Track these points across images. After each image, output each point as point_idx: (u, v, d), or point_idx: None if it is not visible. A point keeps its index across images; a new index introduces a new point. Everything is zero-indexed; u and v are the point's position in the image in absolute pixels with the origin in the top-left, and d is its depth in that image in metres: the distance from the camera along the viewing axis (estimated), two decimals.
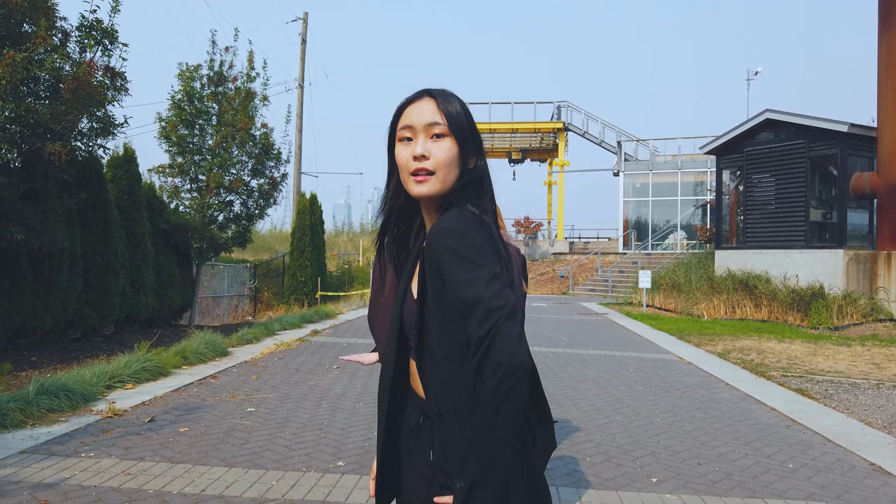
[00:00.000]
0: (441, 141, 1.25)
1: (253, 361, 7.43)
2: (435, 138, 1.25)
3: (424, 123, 1.25)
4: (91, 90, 7.28)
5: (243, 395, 5.68)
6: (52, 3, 7.29)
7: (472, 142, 1.29)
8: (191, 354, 6.99)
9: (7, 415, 4.34)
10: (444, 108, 1.26)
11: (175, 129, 12.31)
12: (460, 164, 1.27)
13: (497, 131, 30.79)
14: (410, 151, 1.25)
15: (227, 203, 12.90)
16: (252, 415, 4.99)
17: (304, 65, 25.30)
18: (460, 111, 1.28)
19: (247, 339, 8.77)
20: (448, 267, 1.15)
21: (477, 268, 1.13)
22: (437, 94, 1.29)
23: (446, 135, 1.25)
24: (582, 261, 26.84)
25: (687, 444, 4.51)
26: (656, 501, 3.45)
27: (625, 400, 5.90)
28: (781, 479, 3.84)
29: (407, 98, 1.31)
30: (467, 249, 1.14)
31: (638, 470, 3.96)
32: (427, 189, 1.24)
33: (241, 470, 3.72)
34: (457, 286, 1.13)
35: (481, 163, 1.31)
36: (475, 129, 1.31)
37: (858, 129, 14.48)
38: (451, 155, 1.25)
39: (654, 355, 8.76)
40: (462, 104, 1.30)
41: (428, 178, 1.24)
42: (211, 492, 3.37)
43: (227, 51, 12.87)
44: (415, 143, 1.25)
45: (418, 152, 1.24)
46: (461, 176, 1.27)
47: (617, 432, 4.79)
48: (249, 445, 4.20)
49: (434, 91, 1.30)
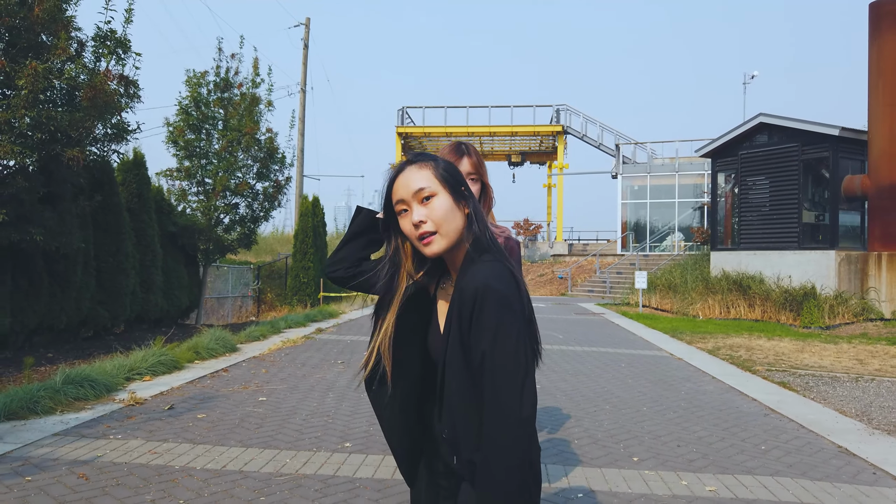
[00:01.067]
0: (434, 200, 1.37)
1: (261, 357, 7.77)
2: (425, 201, 1.38)
3: (412, 192, 1.38)
4: (107, 98, 7.64)
5: (254, 386, 6.03)
6: (71, 16, 7.64)
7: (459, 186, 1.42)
8: (202, 350, 7.33)
9: (38, 402, 4.68)
10: (423, 171, 1.40)
11: (182, 133, 12.68)
12: (460, 209, 1.40)
13: (497, 134, 31.16)
14: (410, 221, 1.39)
15: (232, 206, 13.27)
16: (264, 403, 5.34)
17: (306, 69, 25.68)
18: (438, 165, 1.42)
19: (254, 336, 9.11)
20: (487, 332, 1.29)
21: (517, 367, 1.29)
22: (415, 160, 1.44)
23: (435, 193, 1.38)
24: (581, 262, 27.17)
25: (669, 430, 4.85)
26: (636, 477, 3.79)
27: (614, 391, 6.23)
28: (753, 459, 4.17)
29: (394, 171, 1.44)
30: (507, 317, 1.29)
31: (621, 451, 4.29)
32: (437, 247, 1.37)
33: (256, 450, 4.06)
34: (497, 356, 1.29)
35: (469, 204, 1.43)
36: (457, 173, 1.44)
37: (849, 133, 14.82)
38: (446, 208, 1.38)
39: (646, 352, 9.10)
40: (437, 160, 1.44)
41: (433, 238, 1.37)
42: (231, 467, 3.71)
43: (232, 57, 13.25)
44: (411, 213, 1.39)
45: (416, 220, 1.37)
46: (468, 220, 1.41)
47: (604, 419, 5.13)
48: (263, 430, 4.55)
49: (411, 159, 1.45)
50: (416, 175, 1.40)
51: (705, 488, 3.62)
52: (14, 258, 8.03)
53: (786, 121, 15.57)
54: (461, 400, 1.37)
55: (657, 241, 26.95)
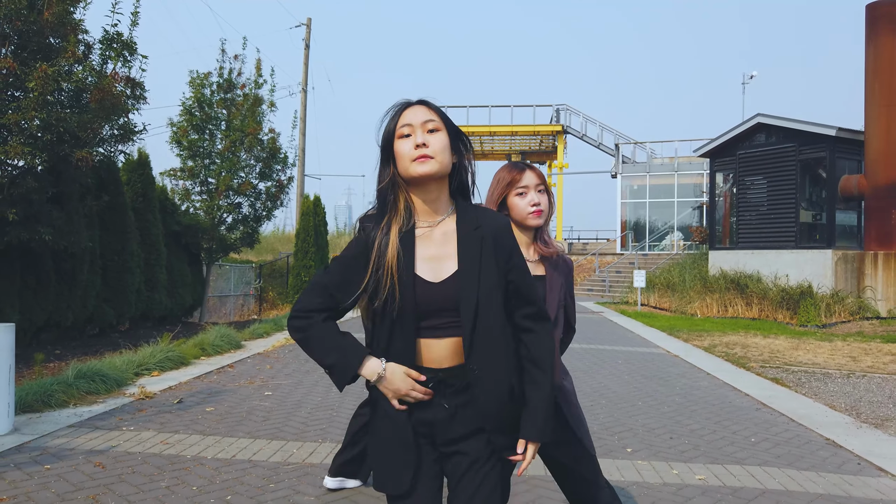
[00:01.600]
0: (436, 133, 1.58)
1: (266, 353, 7.93)
2: (430, 132, 1.58)
3: (421, 121, 1.58)
4: (114, 100, 7.79)
5: (260, 381, 6.19)
6: (79, 20, 7.79)
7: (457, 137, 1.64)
8: (208, 346, 7.49)
9: (52, 395, 4.84)
10: (434, 109, 1.62)
11: (186, 133, 12.83)
12: (451, 153, 1.61)
13: (497, 134, 31.30)
14: (412, 142, 1.56)
15: (235, 205, 13.42)
16: (269, 398, 5.49)
17: (307, 69, 25.82)
18: (445, 114, 1.64)
19: (258, 333, 9.28)
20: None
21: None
22: (426, 101, 1.63)
23: (440, 129, 1.59)
24: (580, 261, 27.32)
25: (662, 423, 5.00)
26: (629, 467, 3.95)
27: (611, 387, 6.39)
28: (743, 450, 4.33)
29: (400, 104, 1.62)
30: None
31: (616, 442, 4.45)
32: (429, 168, 1.55)
33: (264, 441, 4.22)
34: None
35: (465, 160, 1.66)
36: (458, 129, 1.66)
37: (846, 133, 14.96)
38: (444, 143, 1.59)
39: (643, 349, 9.26)
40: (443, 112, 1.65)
41: (428, 160, 1.55)
42: (240, 457, 3.87)
43: (235, 59, 13.40)
44: (414, 137, 1.56)
45: (419, 141, 1.55)
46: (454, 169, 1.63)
47: (600, 413, 5.29)
48: (270, 422, 4.70)
49: (422, 100, 1.64)
50: (426, 110, 1.60)
51: (695, 477, 3.77)
52: (23, 257, 8.19)
53: (783, 121, 15.72)
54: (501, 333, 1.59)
55: (656, 240, 27.10)
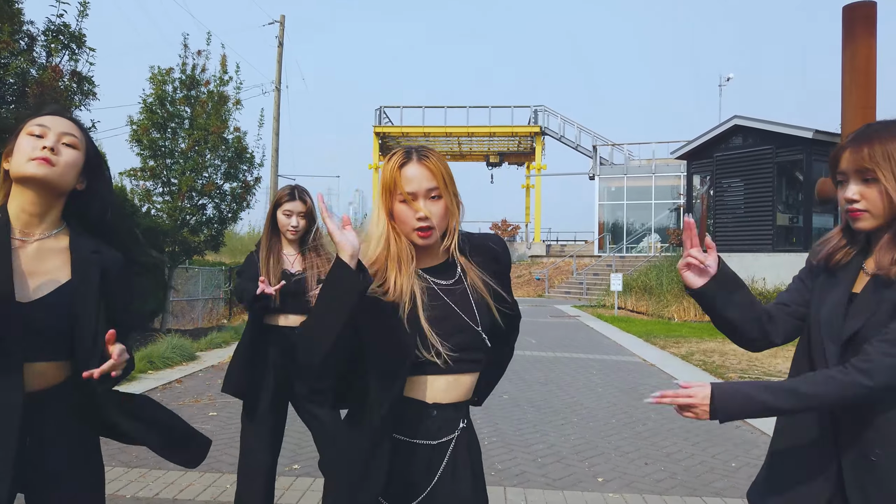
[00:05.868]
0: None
1: (220, 366, 7.46)
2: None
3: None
4: (57, 95, 7.28)
5: (207, 399, 5.74)
6: (18, 9, 7.27)
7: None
8: (157, 359, 7.01)
9: None
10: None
11: (147, 132, 12.26)
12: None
13: (475, 135, 30.98)
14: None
15: (199, 207, 12.88)
16: (213, 419, 5.06)
17: (280, 67, 25.28)
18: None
19: (216, 343, 8.81)
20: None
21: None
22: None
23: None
24: (558, 263, 27.09)
25: (637, 445, 4.66)
26: (599, 500, 3.59)
27: (583, 402, 6.04)
28: (722, 479, 4.00)
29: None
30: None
31: (586, 470, 4.09)
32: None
33: (196, 474, 3.79)
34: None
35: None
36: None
37: (823, 136, 14.86)
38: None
39: (619, 357, 8.94)
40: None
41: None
42: (165, 495, 3.44)
43: (199, 54, 12.85)
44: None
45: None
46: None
47: (571, 433, 4.93)
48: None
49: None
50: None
51: None
52: None
53: (760, 123, 15.58)
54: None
55: (634, 242, 26.97)
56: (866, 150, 1.41)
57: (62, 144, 1.51)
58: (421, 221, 1.48)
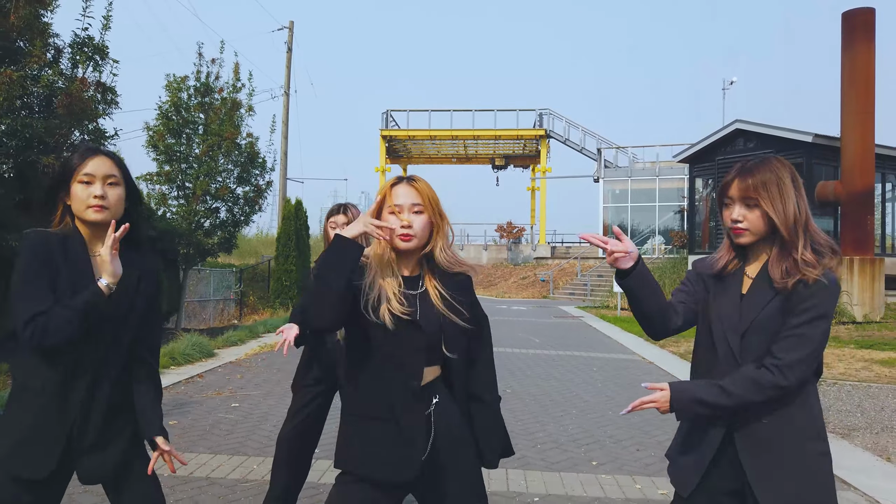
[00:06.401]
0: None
1: (238, 362, 7.84)
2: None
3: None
4: (83, 105, 7.67)
5: (228, 392, 6.10)
6: (47, 23, 7.67)
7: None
8: (178, 356, 7.39)
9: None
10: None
11: (163, 138, 12.68)
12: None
13: (480, 138, 31.33)
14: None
15: (213, 210, 13.28)
16: (236, 409, 5.42)
17: (289, 73, 25.69)
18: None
19: (232, 341, 9.18)
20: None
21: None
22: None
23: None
24: (563, 265, 27.39)
25: (630, 434, 4.99)
26: (593, 481, 3.93)
27: (582, 396, 6.38)
28: None
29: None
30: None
31: (581, 455, 4.43)
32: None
33: (224, 457, 4.15)
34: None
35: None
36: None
37: (823, 140, 15.12)
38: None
39: (619, 356, 9.27)
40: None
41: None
42: (198, 474, 3.80)
43: (213, 62, 13.27)
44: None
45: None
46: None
47: (569, 424, 5.27)
48: (233, 436, 4.63)
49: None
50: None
51: (658, 492, 3.76)
52: None
53: (761, 127, 15.85)
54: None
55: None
56: (750, 181, 1.78)
57: (108, 185, 1.86)
58: (404, 228, 1.84)
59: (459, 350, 1.90)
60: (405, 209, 1.86)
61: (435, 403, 1.86)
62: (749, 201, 1.79)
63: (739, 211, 1.81)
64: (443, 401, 1.89)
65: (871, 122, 14.17)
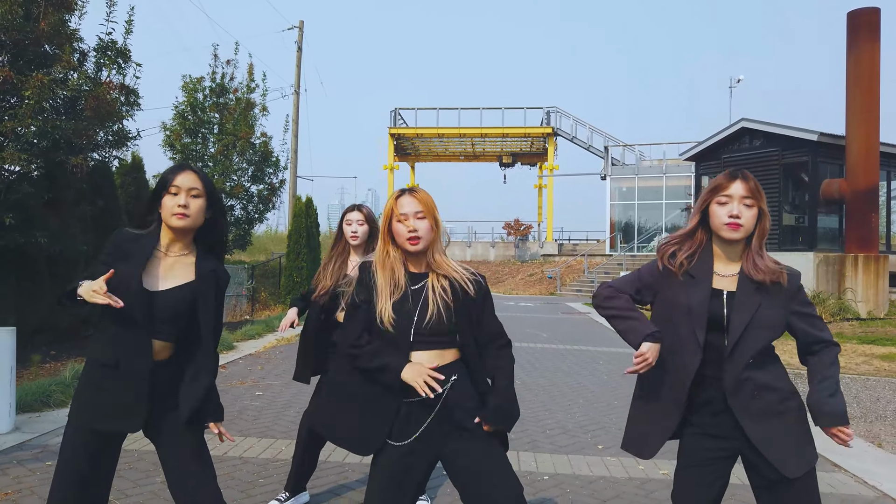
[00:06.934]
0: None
1: (257, 354, 8.14)
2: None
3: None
4: (109, 107, 7.98)
5: (251, 382, 6.40)
6: (74, 29, 7.98)
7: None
8: None
9: (51, 396, 5.05)
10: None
11: (179, 137, 13.04)
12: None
13: (488, 136, 31.56)
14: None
15: (228, 208, 13.63)
16: (260, 398, 5.71)
17: (300, 72, 25.98)
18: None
19: (250, 334, 9.48)
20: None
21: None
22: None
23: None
24: (570, 262, 27.60)
25: None
26: (598, 462, 4.19)
27: (589, 387, 6.64)
28: None
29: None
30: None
31: (588, 440, 4.70)
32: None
33: (254, 439, 4.45)
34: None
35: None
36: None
37: (828, 138, 15.28)
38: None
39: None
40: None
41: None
42: (232, 454, 4.09)
43: (228, 64, 13.63)
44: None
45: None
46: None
47: (576, 412, 5.54)
48: (260, 421, 4.93)
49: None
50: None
51: (659, 472, 4.02)
52: (18, 260, 8.36)
53: (767, 126, 16.02)
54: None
55: (645, 241, 27.42)
56: (752, 184, 2.07)
57: (191, 197, 2.17)
58: (411, 233, 2.13)
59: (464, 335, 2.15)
60: (410, 216, 2.14)
61: (452, 380, 2.11)
62: (748, 201, 2.05)
63: (738, 208, 2.06)
64: (460, 379, 2.14)
65: (875, 121, 14.32)
